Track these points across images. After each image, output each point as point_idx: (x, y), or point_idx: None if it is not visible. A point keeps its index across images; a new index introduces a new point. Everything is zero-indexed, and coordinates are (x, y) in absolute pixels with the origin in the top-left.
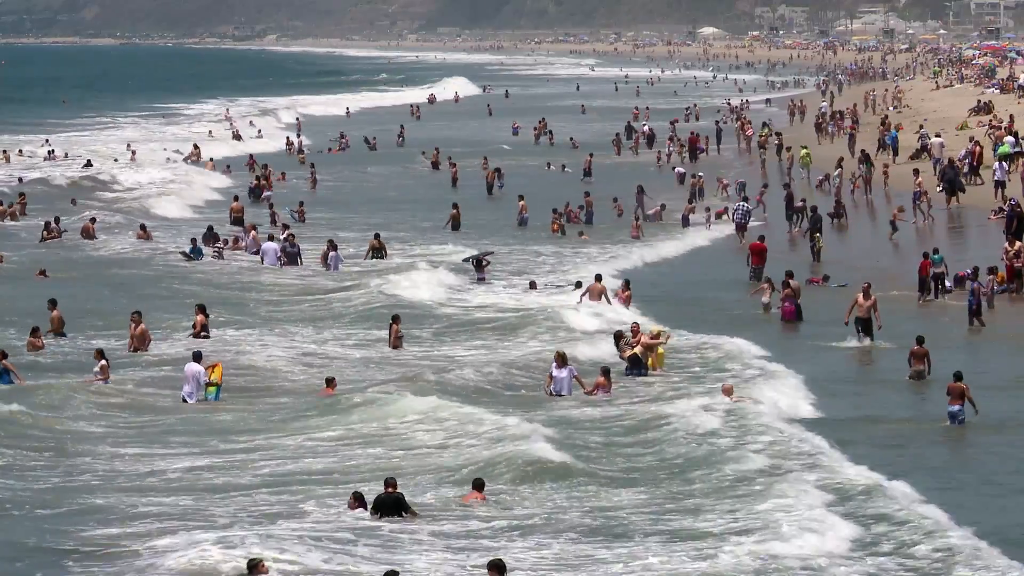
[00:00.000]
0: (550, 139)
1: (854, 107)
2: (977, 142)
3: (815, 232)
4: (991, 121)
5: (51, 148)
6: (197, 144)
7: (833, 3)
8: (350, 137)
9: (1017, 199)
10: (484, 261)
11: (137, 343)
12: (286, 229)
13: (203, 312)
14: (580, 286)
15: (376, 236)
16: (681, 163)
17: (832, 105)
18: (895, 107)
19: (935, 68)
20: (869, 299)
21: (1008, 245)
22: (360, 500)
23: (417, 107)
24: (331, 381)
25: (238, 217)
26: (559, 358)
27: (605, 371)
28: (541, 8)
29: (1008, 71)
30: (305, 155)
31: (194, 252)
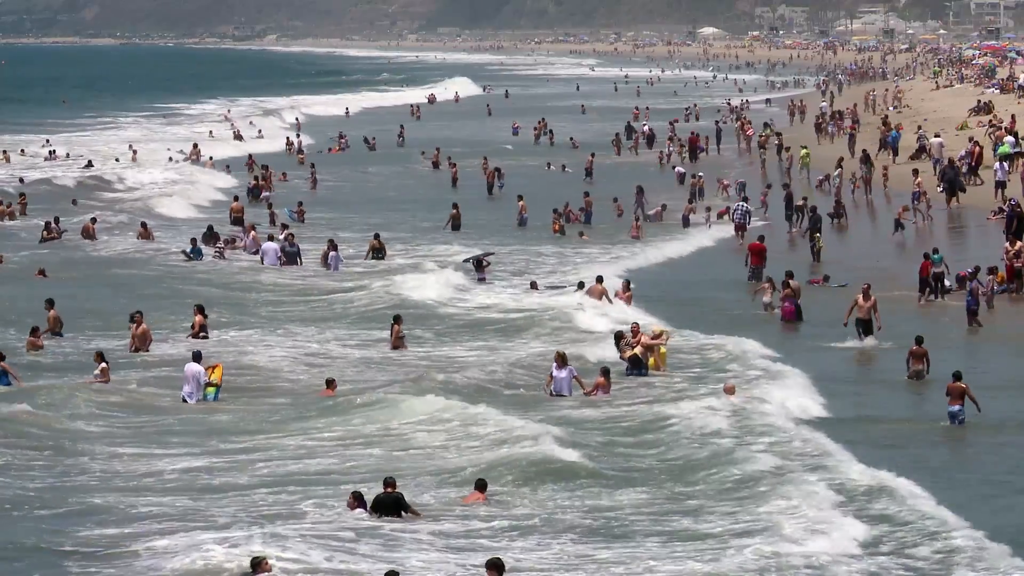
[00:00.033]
0: (550, 139)
1: (854, 107)
2: (977, 142)
3: (815, 232)
4: (991, 121)
5: (52, 148)
6: (197, 144)
7: (833, 3)
8: (350, 137)
9: (1017, 199)
10: (484, 261)
11: (138, 343)
12: (285, 229)
13: (201, 312)
14: (583, 287)
15: (376, 236)
16: (681, 163)
17: (832, 105)
18: (895, 107)
19: (935, 68)
20: (869, 300)
21: (1008, 245)
22: (360, 500)
23: (417, 107)
24: (331, 382)
25: (238, 217)
26: (559, 358)
27: (605, 371)
28: (541, 8)
29: (1008, 71)
30: (305, 155)
31: (194, 252)
